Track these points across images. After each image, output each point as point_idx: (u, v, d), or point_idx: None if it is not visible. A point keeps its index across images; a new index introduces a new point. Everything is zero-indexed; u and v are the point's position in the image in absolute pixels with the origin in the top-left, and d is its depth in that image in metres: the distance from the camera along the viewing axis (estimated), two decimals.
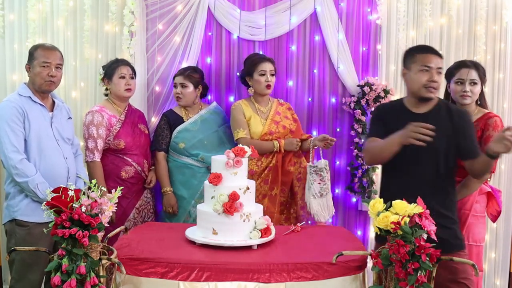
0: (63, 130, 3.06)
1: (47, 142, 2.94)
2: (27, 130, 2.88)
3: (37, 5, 3.81)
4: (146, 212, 3.57)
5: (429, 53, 2.66)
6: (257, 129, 3.52)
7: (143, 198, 3.56)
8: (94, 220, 2.16)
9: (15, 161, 2.81)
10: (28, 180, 2.80)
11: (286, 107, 3.67)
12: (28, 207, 2.87)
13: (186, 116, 3.64)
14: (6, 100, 2.95)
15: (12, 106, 2.87)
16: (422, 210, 2.21)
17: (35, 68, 2.94)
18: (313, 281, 2.35)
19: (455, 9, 3.92)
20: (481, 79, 3.02)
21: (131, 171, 3.45)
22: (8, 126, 2.83)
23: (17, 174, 2.81)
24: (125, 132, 3.45)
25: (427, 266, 2.12)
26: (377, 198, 2.34)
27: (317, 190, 3.40)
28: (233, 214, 2.56)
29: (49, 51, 2.98)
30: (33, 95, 2.95)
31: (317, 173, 3.42)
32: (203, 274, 2.34)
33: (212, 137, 3.61)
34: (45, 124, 2.96)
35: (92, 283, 2.15)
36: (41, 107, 2.97)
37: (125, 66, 3.49)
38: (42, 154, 2.91)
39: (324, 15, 3.87)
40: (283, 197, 3.54)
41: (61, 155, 2.98)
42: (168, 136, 3.59)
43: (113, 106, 3.51)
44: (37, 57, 2.94)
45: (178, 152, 3.57)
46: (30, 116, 2.89)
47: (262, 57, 3.58)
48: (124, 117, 3.49)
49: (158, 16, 3.82)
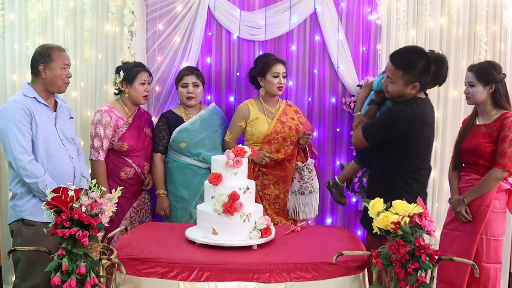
0: (66, 129, 3.08)
1: (53, 143, 2.96)
2: (34, 131, 2.90)
3: (37, 5, 3.81)
4: (143, 213, 3.58)
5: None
6: (263, 128, 3.52)
7: (141, 198, 3.56)
8: (94, 220, 2.16)
9: (25, 162, 2.82)
10: (37, 181, 2.81)
11: (293, 110, 3.66)
12: (35, 207, 2.87)
13: (186, 116, 3.63)
14: (12, 101, 2.94)
15: (19, 107, 2.87)
16: (422, 210, 2.22)
17: (56, 70, 2.95)
18: (313, 281, 2.35)
19: (455, 9, 3.92)
20: (484, 81, 3.05)
21: (130, 172, 3.46)
22: (16, 127, 2.84)
23: (26, 175, 2.82)
24: (130, 135, 3.45)
25: (427, 266, 2.12)
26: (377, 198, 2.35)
27: (296, 188, 3.52)
28: (233, 214, 2.56)
29: (65, 53, 3.02)
30: (38, 96, 2.96)
31: (298, 172, 3.52)
32: (203, 274, 2.35)
33: (213, 136, 3.60)
34: (50, 124, 2.98)
35: (92, 283, 2.15)
36: (46, 108, 2.99)
37: (146, 72, 3.52)
38: (49, 155, 2.93)
39: (324, 15, 3.87)
40: (285, 198, 3.55)
41: (67, 155, 3.01)
42: (165, 138, 3.57)
43: (123, 107, 3.51)
44: (56, 59, 2.95)
45: (179, 152, 3.56)
46: (36, 116, 2.91)
47: (276, 59, 3.56)
48: (132, 120, 3.50)
49: (158, 16, 3.82)
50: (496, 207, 3.03)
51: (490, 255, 3.00)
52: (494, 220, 3.02)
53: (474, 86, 3.07)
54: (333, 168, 4.02)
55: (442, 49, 3.92)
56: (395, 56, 2.97)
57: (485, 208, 3.00)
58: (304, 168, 3.50)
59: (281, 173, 3.50)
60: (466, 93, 3.11)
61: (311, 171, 3.52)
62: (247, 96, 3.91)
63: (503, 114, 3.04)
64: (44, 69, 2.95)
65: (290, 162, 3.52)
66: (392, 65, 2.90)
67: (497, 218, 3.04)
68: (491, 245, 3.01)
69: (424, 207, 2.24)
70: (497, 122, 3.02)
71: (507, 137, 2.95)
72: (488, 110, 3.08)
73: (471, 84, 3.08)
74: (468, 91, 3.09)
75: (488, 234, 3.01)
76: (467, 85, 3.12)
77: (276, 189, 3.52)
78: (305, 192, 3.51)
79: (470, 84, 3.09)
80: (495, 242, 3.03)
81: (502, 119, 3.01)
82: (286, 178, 3.51)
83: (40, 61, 2.95)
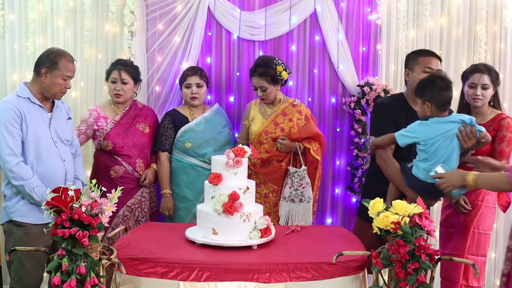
0: (62, 131, 3.02)
1: (44, 144, 2.90)
2: (25, 132, 2.85)
3: (37, 5, 3.81)
4: (139, 211, 3.53)
5: (430, 56, 3.06)
6: (255, 127, 3.55)
7: (137, 196, 3.52)
8: (94, 220, 2.16)
9: (12, 164, 2.78)
10: (24, 184, 2.79)
11: (297, 110, 3.54)
12: (24, 208, 2.86)
13: (191, 116, 3.63)
14: (3, 101, 2.90)
15: (10, 108, 2.82)
16: (422, 210, 2.22)
17: (56, 78, 2.90)
18: (313, 281, 2.35)
19: (455, 9, 3.92)
20: (494, 83, 3.17)
21: (120, 171, 3.44)
22: (5, 128, 2.79)
23: (13, 177, 2.80)
24: (115, 133, 3.44)
25: (427, 266, 2.13)
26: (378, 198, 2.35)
27: (287, 194, 3.46)
28: (233, 214, 2.56)
29: (72, 65, 2.97)
30: (32, 96, 2.91)
31: (290, 178, 3.46)
32: (203, 274, 2.34)
33: (218, 138, 3.60)
34: (43, 125, 2.92)
35: (92, 283, 2.15)
36: (40, 108, 2.94)
37: (117, 71, 3.47)
38: (39, 157, 2.88)
39: (324, 15, 3.87)
40: (276, 197, 3.55)
41: (58, 157, 2.95)
42: (172, 136, 3.57)
43: (111, 106, 3.52)
44: (61, 67, 2.90)
45: (184, 152, 3.56)
46: (28, 117, 2.86)
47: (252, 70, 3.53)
48: (120, 118, 3.49)
49: (158, 16, 3.82)
50: (489, 202, 3.16)
51: (479, 248, 3.14)
52: (486, 214, 3.15)
53: (488, 88, 3.14)
54: (333, 168, 4.02)
55: (442, 49, 3.93)
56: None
57: (479, 202, 3.12)
58: (295, 175, 3.43)
59: (269, 172, 3.50)
60: (478, 95, 3.12)
61: (302, 178, 3.43)
62: (247, 96, 3.91)
63: (499, 114, 3.15)
64: (46, 73, 2.90)
65: (279, 162, 3.49)
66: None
67: (489, 213, 3.17)
68: (481, 238, 3.15)
69: (424, 207, 2.24)
70: (494, 123, 3.11)
71: (505, 137, 3.07)
72: (484, 111, 3.18)
73: (486, 86, 3.13)
74: (481, 93, 3.12)
75: (480, 228, 3.14)
76: (479, 87, 3.12)
77: (265, 188, 3.52)
78: (295, 200, 3.44)
79: (485, 87, 3.13)
80: (485, 235, 3.17)
81: (499, 120, 3.12)
82: (274, 177, 3.49)
83: (45, 65, 2.90)
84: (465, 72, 3.30)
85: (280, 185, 3.51)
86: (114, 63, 3.54)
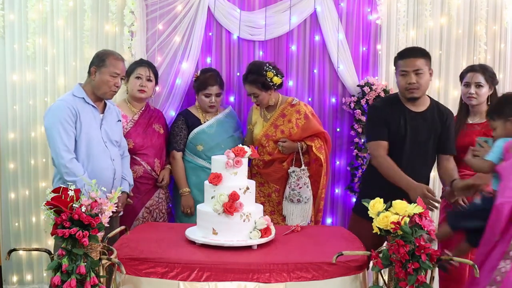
0: (112, 132, 3.11)
1: (95, 144, 3.00)
2: (78, 131, 2.95)
3: (37, 5, 3.81)
4: (157, 212, 3.54)
5: (405, 58, 3.00)
6: (257, 131, 3.59)
7: (154, 198, 3.53)
8: (94, 220, 2.16)
9: (66, 160, 2.88)
10: (76, 180, 2.82)
11: (295, 110, 3.53)
12: None
13: (203, 118, 3.64)
14: (60, 99, 3.02)
15: (66, 106, 2.94)
16: (422, 210, 2.22)
17: (105, 76, 3.00)
18: (313, 281, 2.35)
19: (455, 9, 3.92)
20: (489, 82, 3.21)
21: (140, 171, 3.45)
22: (61, 125, 2.90)
23: (66, 173, 2.88)
24: (135, 132, 3.46)
25: (427, 266, 2.13)
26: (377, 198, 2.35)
27: (287, 194, 3.49)
28: (233, 214, 2.56)
29: (120, 62, 3.06)
30: (86, 97, 3.02)
31: (289, 178, 3.49)
32: (203, 274, 2.35)
33: (229, 141, 3.58)
34: (95, 126, 3.02)
35: (92, 283, 2.15)
36: (93, 109, 3.04)
37: (146, 67, 3.51)
38: (90, 156, 2.97)
39: (324, 15, 3.87)
40: (278, 197, 3.57)
41: (108, 157, 3.04)
42: (186, 137, 3.58)
43: (128, 105, 3.54)
44: (108, 65, 3.00)
45: (194, 154, 3.58)
46: (82, 117, 2.96)
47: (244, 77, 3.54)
48: (138, 117, 3.51)
49: (158, 16, 3.82)
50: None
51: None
52: None
53: (482, 87, 3.19)
54: (333, 168, 4.02)
55: (442, 49, 3.93)
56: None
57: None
58: (293, 175, 3.46)
59: (270, 172, 3.52)
60: (472, 94, 3.18)
61: (299, 178, 3.44)
62: (247, 96, 3.91)
63: None
64: (95, 72, 3.02)
65: (281, 163, 3.52)
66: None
67: None
68: None
69: (424, 207, 2.24)
70: None
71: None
72: (483, 110, 3.20)
73: (479, 84, 3.19)
74: (475, 92, 3.18)
75: None
76: (473, 86, 3.19)
77: (268, 187, 3.55)
78: (294, 200, 3.46)
79: (479, 85, 3.19)
80: None
81: None
82: (275, 177, 3.52)
83: (94, 64, 3.04)
84: (461, 72, 3.37)
85: (282, 185, 3.53)
86: (137, 61, 3.57)
